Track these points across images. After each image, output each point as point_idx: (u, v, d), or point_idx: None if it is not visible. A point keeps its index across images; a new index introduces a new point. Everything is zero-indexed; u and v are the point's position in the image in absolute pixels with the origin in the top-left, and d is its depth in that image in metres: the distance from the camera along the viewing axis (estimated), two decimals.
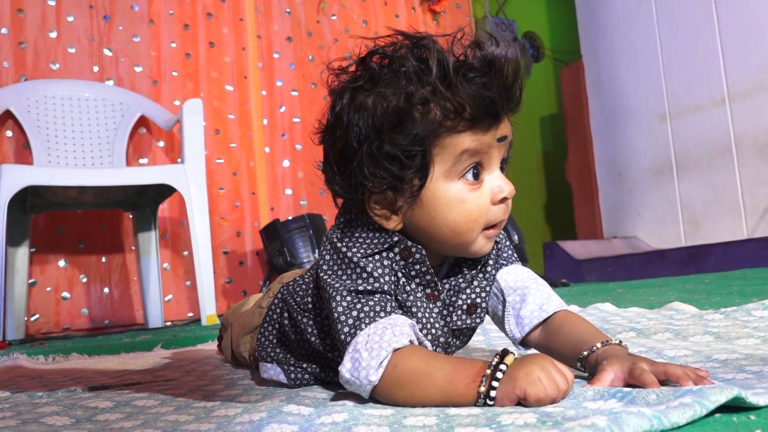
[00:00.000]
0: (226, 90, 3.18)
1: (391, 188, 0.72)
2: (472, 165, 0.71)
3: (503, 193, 0.73)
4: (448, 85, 0.68)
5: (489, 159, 0.72)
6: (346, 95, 0.73)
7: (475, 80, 0.69)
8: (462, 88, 0.68)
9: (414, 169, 0.70)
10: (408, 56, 0.70)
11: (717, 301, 1.55)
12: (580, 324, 0.79)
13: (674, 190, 3.96)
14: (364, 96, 0.71)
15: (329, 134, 0.75)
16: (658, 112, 4.01)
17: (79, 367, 1.28)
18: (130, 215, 2.81)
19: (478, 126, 0.70)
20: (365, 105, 0.70)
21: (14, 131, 2.68)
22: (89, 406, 0.78)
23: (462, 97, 0.68)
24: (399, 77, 0.70)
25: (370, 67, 0.72)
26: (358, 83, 0.72)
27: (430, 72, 0.68)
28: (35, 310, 2.66)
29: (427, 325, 0.78)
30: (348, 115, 0.72)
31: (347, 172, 0.73)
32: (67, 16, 2.84)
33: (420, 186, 0.71)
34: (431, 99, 0.69)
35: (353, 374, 0.68)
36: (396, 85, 0.69)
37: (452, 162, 0.70)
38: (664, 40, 3.91)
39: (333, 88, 0.75)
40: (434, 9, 3.81)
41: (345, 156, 0.73)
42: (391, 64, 0.71)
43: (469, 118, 0.69)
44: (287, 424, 0.61)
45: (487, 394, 0.61)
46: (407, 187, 0.71)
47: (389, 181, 0.71)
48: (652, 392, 0.58)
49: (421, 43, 0.71)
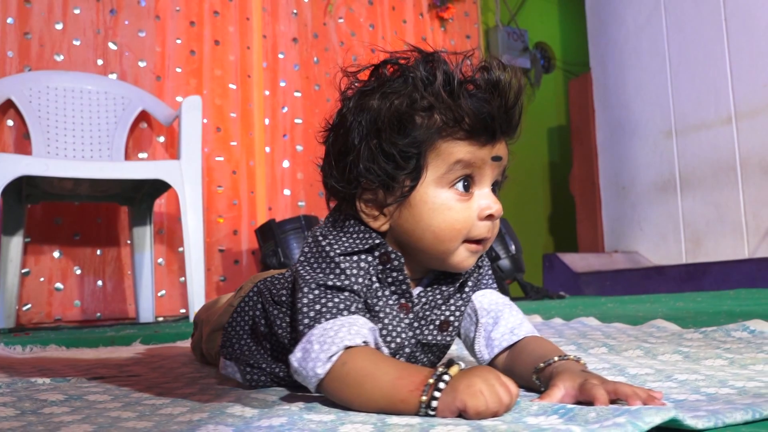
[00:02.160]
0: (230, 88, 3.19)
1: (383, 186, 0.74)
2: (463, 176, 0.73)
3: (490, 210, 0.74)
4: (450, 94, 0.71)
5: (481, 174, 0.74)
6: (354, 98, 0.76)
7: (477, 96, 0.72)
8: (464, 100, 0.71)
9: (408, 170, 0.72)
10: (418, 67, 0.73)
11: (702, 320, 1.54)
12: (544, 344, 0.79)
13: (677, 207, 3.93)
14: (370, 98, 0.74)
15: (332, 133, 0.78)
16: (664, 128, 3.99)
17: (53, 358, 1.28)
18: (126, 209, 2.81)
19: (474, 139, 0.72)
20: (370, 106, 0.74)
21: (15, 121, 2.69)
22: (40, 398, 0.78)
23: (463, 108, 0.71)
24: (406, 84, 0.73)
25: (381, 75, 0.75)
26: (368, 88, 0.75)
27: (435, 81, 0.72)
28: (28, 300, 2.67)
29: (392, 333, 0.78)
30: (352, 116, 0.75)
31: (343, 166, 0.75)
32: (73, 9, 2.86)
33: (411, 187, 0.73)
34: (433, 105, 0.72)
35: (301, 364, 0.69)
36: (402, 90, 0.73)
37: (445, 169, 0.73)
38: (673, 56, 3.90)
39: (343, 91, 0.78)
40: (442, 16, 3.80)
41: (344, 152, 0.76)
42: (401, 74, 0.74)
43: (467, 129, 0.71)
44: (224, 426, 0.61)
45: (429, 404, 0.61)
46: (398, 186, 0.73)
47: (382, 178, 0.73)
48: (592, 410, 0.57)
49: (431, 57, 0.74)
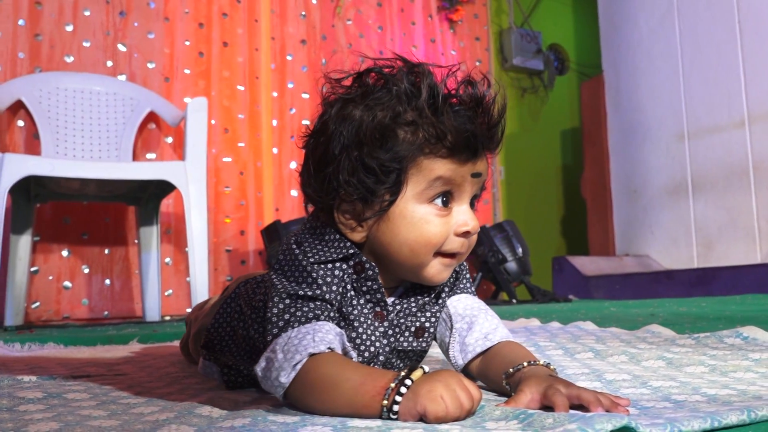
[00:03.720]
0: (238, 90, 3.21)
1: (361, 199, 0.73)
2: (443, 192, 0.73)
3: (467, 227, 0.74)
4: (434, 111, 0.71)
5: (461, 191, 0.74)
6: (336, 105, 0.75)
7: (460, 113, 0.72)
8: (447, 117, 0.71)
9: (388, 184, 0.72)
10: (402, 78, 0.73)
11: (701, 326, 1.52)
12: (517, 349, 0.79)
13: (689, 211, 3.90)
14: (352, 108, 0.73)
15: (313, 139, 0.77)
16: (677, 131, 3.96)
17: (47, 357, 1.30)
18: (133, 209, 2.84)
19: (456, 156, 0.72)
20: (352, 116, 0.73)
21: (26, 121, 2.73)
22: (18, 396, 0.79)
23: (446, 125, 0.71)
24: (390, 96, 0.72)
25: (364, 83, 0.75)
26: (350, 96, 0.74)
27: (420, 96, 0.71)
28: (36, 298, 2.70)
29: (366, 341, 0.78)
30: (334, 124, 0.74)
31: (322, 176, 0.75)
32: (83, 11, 2.89)
33: (390, 202, 0.73)
34: (416, 121, 0.71)
35: (265, 374, 0.69)
36: (386, 102, 0.72)
37: (425, 185, 0.72)
38: (686, 59, 3.86)
39: (325, 97, 0.77)
40: (451, 18, 3.80)
41: (324, 161, 0.75)
42: (385, 84, 0.73)
43: (449, 147, 0.71)
44: (187, 426, 0.61)
45: (390, 408, 0.61)
46: (377, 201, 0.73)
47: (361, 192, 0.73)
48: (550, 416, 0.57)
49: (416, 69, 0.73)
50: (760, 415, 0.58)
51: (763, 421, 0.58)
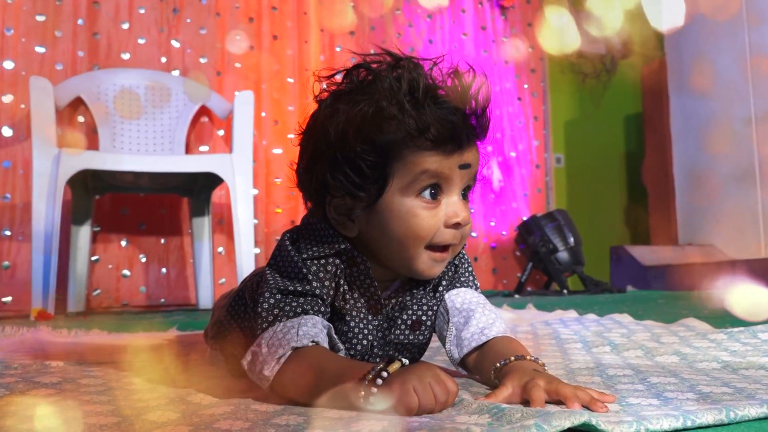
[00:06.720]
0: (287, 82, 3.26)
1: (349, 194, 0.74)
2: (430, 185, 0.73)
3: (457, 219, 0.74)
4: (415, 104, 0.71)
5: (449, 183, 0.74)
6: (327, 101, 0.76)
7: (443, 105, 0.72)
8: (429, 109, 0.71)
9: (373, 178, 0.73)
10: (387, 73, 0.73)
11: (741, 320, 1.46)
12: (510, 344, 0.78)
13: (756, 199, 3.73)
14: (339, 104, 0.74)
15: (305, 137, 0.79)
16: (743, 116, 3.79)
17: (87, 343, 1.36)
18: (186, 200, 2.93)
19: (440, 148, 0.72)
20: (338, 112, 0.74)
21: (86, 117, 2.85)
22: (35, 380, 0.84)
23: (427, 117, 0.71)
24: (375, 91, 0.73)
25: (353, 80, 0.75)
26: (339, 92, 0.76)
27: (401, 90, 0.72)
28: (97, 286, 2.83)
29: (358, 335, 0.79)
30: (322, 121, 0.75)
31: (313, 172, 0.76)
32: (138, 9, 2.99)
33: (377, 196, 0.73)
34: (398, 115, 0.71)
35: (251, 367, 0.71)
36: (369, 97, 0.73)
37: (411, 179, 0.72)
38: (752, 39, 3.68)
39: (317, 95, 0.78)
40: (503, 4, 3.73)
41: (314, 157, 0.76)
42: (372, 80, 0.74)
43: (432, 139, 0.71)
44: (172, 412, 0.64)
45: (367, 398, 0.62)
46: (364, 195, 0.74)
47: (348, 187, 0.74)
48: (519, 411, 0.57)
49: (401, 63, 0.74)
50: (740, 415, 0.56)
51: (743, 421, 0.56)
